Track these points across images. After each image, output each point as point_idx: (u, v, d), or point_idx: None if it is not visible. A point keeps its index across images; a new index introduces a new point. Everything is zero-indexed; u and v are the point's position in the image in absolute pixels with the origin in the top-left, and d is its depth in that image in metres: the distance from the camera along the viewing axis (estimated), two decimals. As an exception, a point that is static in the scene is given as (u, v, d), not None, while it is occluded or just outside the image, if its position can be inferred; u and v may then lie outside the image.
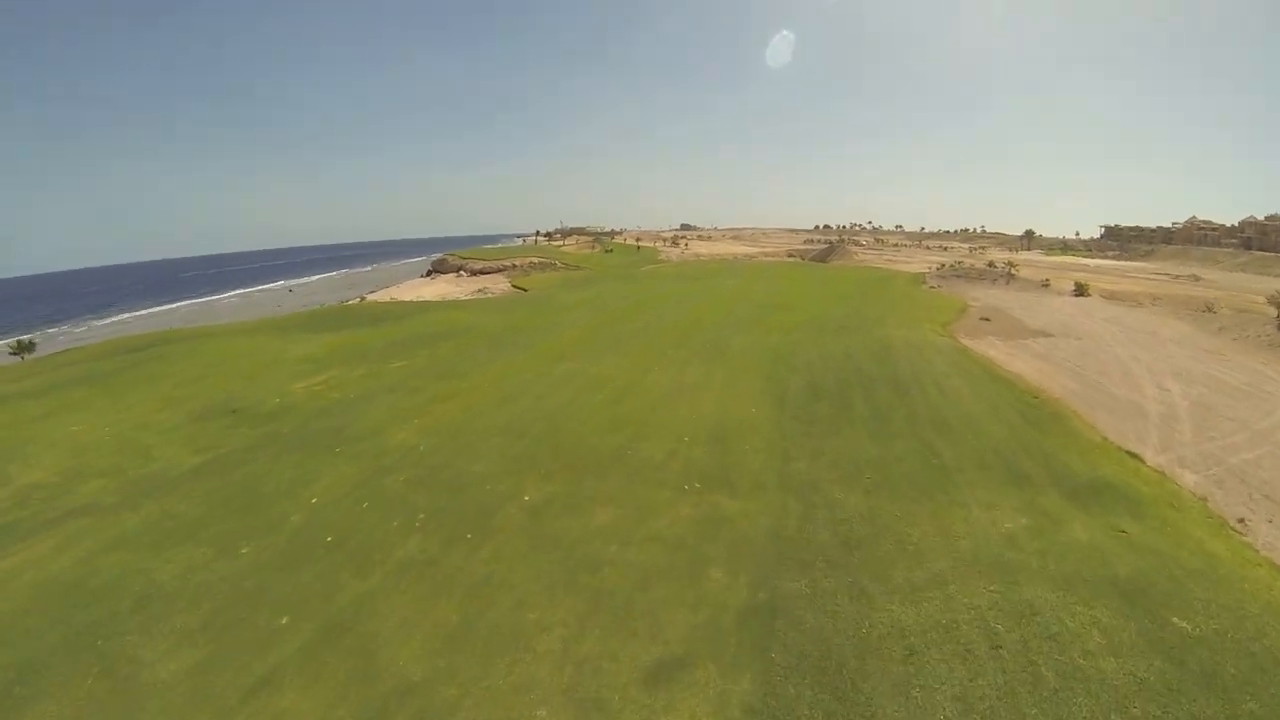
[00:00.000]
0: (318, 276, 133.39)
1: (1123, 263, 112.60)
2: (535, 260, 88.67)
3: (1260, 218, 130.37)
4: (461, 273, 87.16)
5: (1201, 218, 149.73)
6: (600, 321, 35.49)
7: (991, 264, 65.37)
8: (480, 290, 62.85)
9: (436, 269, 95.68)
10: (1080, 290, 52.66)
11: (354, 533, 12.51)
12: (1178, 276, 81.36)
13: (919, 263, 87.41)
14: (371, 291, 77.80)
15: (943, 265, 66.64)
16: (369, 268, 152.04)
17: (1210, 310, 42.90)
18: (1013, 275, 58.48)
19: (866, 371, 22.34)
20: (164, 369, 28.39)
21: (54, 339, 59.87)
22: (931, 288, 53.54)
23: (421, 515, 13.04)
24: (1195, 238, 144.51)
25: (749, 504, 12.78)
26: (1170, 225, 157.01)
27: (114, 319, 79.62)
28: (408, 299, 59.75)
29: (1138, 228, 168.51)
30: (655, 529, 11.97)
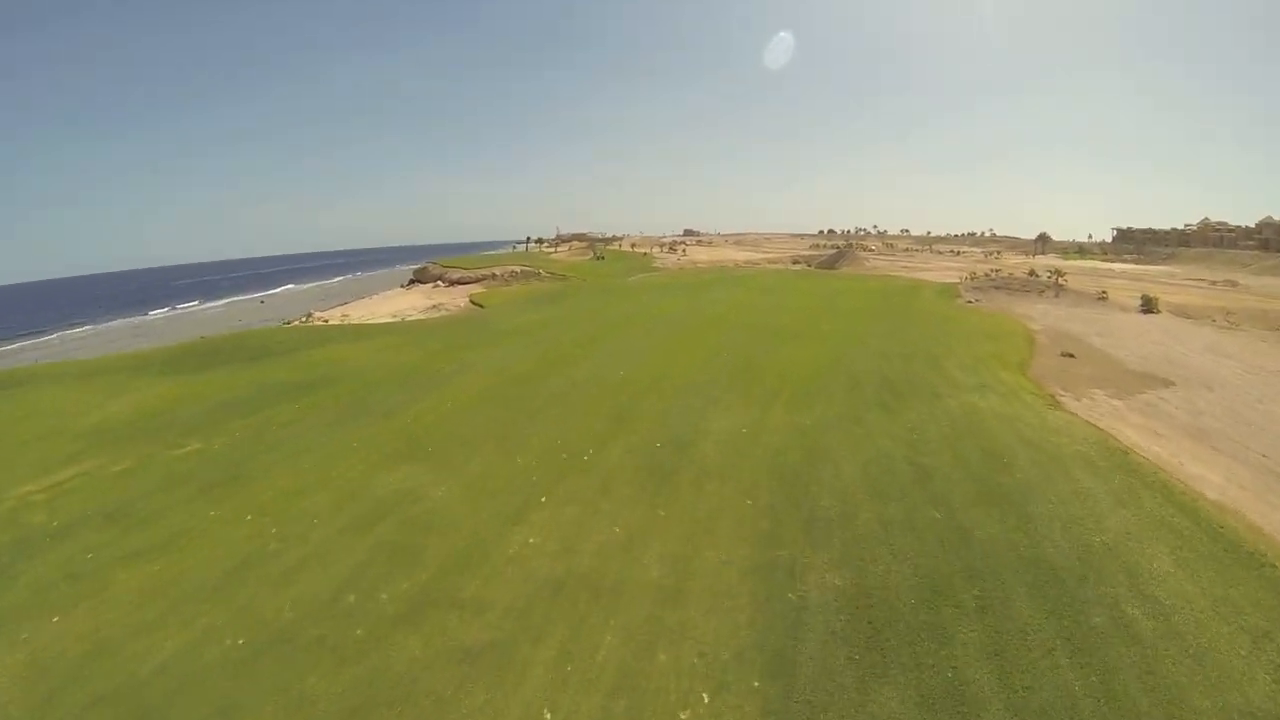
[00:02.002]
0: (311, 284, 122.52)
1: (1147, 267, 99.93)
2: (518, 269, 76.88)
3: (1278, 219, 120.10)
4: (439, 282, 75.94)
5: (1213, 219, 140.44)
6: (523, 369, 23.05)
7: (1033, 273, 52.64)
8: (435, 306, 51.34)
9: (417, 278, 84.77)
10: (1149, 305, 40.77)
11: None
12: (1214, 283, 69.64)
13: (937, 269, 75.15)
14: (338, 304, 67.40)
15: (974, 274, 53.96)
16: (366, 274, 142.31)
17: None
18: (1062, 286, 45.97)
19: (977, 537, 9.84)
20: None
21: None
22: (970, 302, 41.20)
23: None
24: (1213, 240, 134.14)
25: None
26: (1184, 227, 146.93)
27: (80, 330, 70.85)
28: (356, 317, 48.68)
29: (1150, 230, 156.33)
30: None
